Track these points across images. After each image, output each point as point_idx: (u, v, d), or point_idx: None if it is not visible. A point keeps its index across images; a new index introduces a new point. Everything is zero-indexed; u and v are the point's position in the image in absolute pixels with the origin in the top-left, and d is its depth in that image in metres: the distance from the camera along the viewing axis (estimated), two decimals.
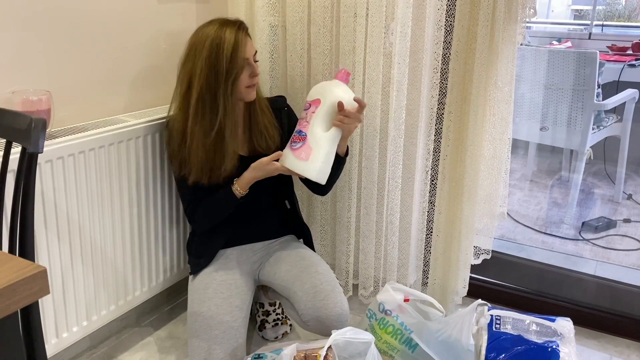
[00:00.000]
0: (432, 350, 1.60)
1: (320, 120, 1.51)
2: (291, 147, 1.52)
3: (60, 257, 1.53)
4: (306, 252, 1.72)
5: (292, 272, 1.64)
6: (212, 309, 1.54)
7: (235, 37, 1.53)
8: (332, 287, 1.57)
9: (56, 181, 1.48)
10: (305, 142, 1.49)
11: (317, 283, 1.57)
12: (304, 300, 1.55)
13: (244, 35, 1.55)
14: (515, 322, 1.55)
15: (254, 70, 1.57)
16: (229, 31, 1.53)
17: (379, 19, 1.72)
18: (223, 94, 1.53)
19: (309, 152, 1.48)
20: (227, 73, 1.52)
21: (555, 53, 2.97)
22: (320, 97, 1.52)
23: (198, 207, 1.66)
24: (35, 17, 1.52)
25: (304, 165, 1.49)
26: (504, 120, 1.74)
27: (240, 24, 1.57)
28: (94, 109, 1.73)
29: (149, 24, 1.84)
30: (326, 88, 1.54)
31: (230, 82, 1.53)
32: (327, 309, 1.52)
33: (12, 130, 1.15)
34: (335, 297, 1.54)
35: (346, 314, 1.55)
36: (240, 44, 1.53)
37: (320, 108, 1.51)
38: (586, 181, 3.57)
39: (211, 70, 1.52)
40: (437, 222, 1.93)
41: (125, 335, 1.88)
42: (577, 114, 2.94)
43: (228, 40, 1.52)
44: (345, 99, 1.50)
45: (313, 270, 1.61)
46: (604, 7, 5.32)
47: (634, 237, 2.85)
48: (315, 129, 1.50)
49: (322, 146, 1.49)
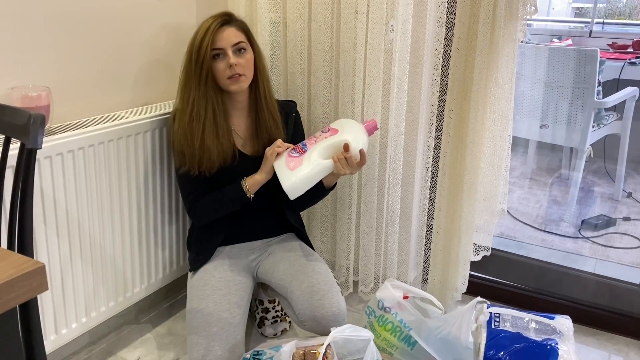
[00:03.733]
0: (431, 347, 1.60)
1: (325, 147, 1.54)
2: (289, 153, 1.56)
3: (60, 253, 1.53)
4: (304, 250, 1.72)
5: (290, 271, 1.64)
6: (210, 306, 1.54)
7: (208, 27, 1.54)
8: (329, 286, 1.56)
9: (55, 177, 1.47)
10: (301, 156, 1.53)
11: (314, 282, 1.57)
12: (301, 299, 1.55)
13: (220, 24, 1.55)
14: (514, 320, 1.55)
15: (228, 60, 1.55)
16: (207, 21, 1.55)
17: (380, 16, 1.71)
18: (197, 82, 1.56)
19: (297, 165, 1.52)
20: (196, 62, 1.55)
21: (556, 51, 2.96)
22: (340, 130, 1.56)
23: (199, 199, 1.65)
24: (34, 13, 1.51)
25: (285, 173, 1.53)
26: (504, 117, 1.73)
27: (223, 15, 1.57)
28: (93, 105, 1.72)
29: (149, 19, 1.84)
30: (351, 126, 1.58)
31: (201, 72, 1.55)
32: (323, 309, 1.52)
33: (11, 126, 1.14)
34: (332, 297, 1.54)
35: (343, 313, 1.55)
36: (209, 33, 1.53)
37: (331, 138, 1.55)
38: (586, 179, 3.57)
39: (188, 63, 1.58)
40: (437, 219, 1.93)
41: (125, 331, 1.88)
42: (577, 111, 2.94)
43: (201, 30, 1.55)
44: (354, 146, 1.53)
45: (310, 269, 1.61)
46: (604, 5, 5.31)
47: (633, 235, 2.85)
48: (315, 151, 1.54)
49: (311, 168, 1.52)
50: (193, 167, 1.60)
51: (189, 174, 1.62)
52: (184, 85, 1.60)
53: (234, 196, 1.61)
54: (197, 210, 1.66)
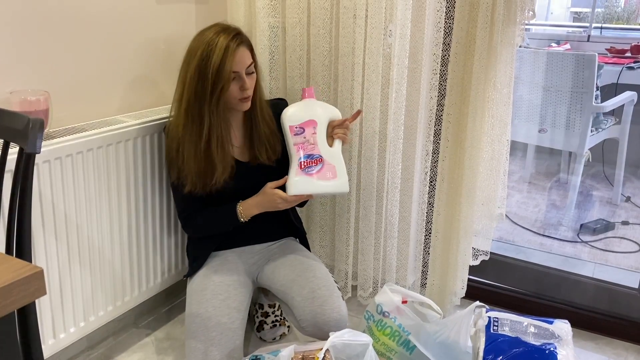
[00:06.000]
0: (430, 352, 1.60)
1: (324, 138, 1.57)
2: (307, 172, 1.53)
3: (58, 258, 1.53)
4: (305, 255, 1.71)
5: (290, 276, 1.63)
6: (209, 310, 1.54)
7: (225, 47, 1.47)
8: (330, 292, 1.56)
9: (54, 182, 1.47)
10: (324, 162, 1.55)
11: (314, 288, 1.56)
12: (302, 305, 1.55)
13: (237, 45, 1.49)
14: (513, 324, 1.55)
15: (243, 84, 1.53)
16: (221, 40, 1.48)
17: (379, 21, 1.72)
18: (208, 106, 1.51)
19: (333, 169, 1.55)
20: (213, 86, 1.49)
21: (554, 55, 2.97)
22: (315, 119, 1.57)
23: (194, 215, 1.65)
24: (33, 17, 1.51)
25: (335, 183, 1.55)
26: (502, 122, 1.74)
27: (236, 34, 1.51)
28: (92, 110, 1.73)
29: (148, 24, 1.84)
30: (311, 108, 1.59)
31: (216, 96, 1.50)
32: (324, 315, 1.52)
33: (9, 130, 1.14)
34: (333, 302, 1.54)
35: (344, 319, 1.54)
36: (229, 56, 1.48)
37: (319, 128, 1.57)
38: (584, 183, 3.58)
39: (199, 81, 1.49)
40: (435, 224, 1.93)
41: (123, 336, 1.88)
42: (576, 116, 2.94)
43: (217, 51, 1.47)
44: (339, 114, 1.59)
45: (311, 275, 1.61)
46: (602, 10, 5.34)
47: (632, 239, 2.85)
48: (325, 148, 1.56)
49: (340, 159, 1.58)
50: (195, 186, 1.58)
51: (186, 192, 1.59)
52: (192, 104, 1.52)
53: (228, 220, 1.62)
54: (191, 226, 1.68)
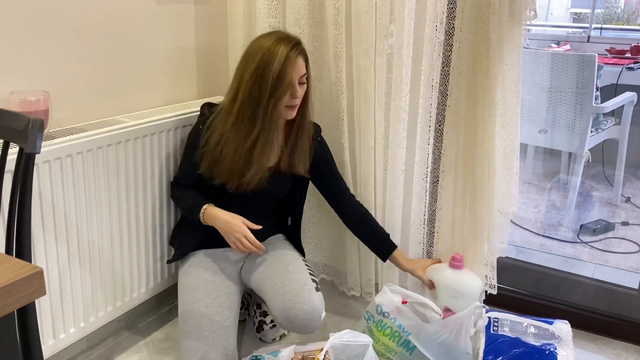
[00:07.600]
0: (430, 352, 1.60)
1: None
2: None
3: (58, 258, 1.53)
4: (283, 250, 1.72)
5: (266, 273, 1.65)
6: (202, 309, 1.55)
7: (286, 56, 1.50)
8: (301, 284, 1.56)
9: (54, 182, 1.47)
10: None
11: (285, 282, 1.57)
12: (275, 301, 1.56)
13: (297, 55, 1.53)
14: (513, 325, 1.55)
15: (294, 92, 1.55)
16: (282, 48, 1.50)
17: (381, 21, 1.72)
18: (263, 110, 1.53)
19: None
20: (271, 91, 1.51)
21: (554, 56, 2.97)
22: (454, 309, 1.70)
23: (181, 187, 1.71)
24: (33, 18, 1.51)
25: None
26: (514, 120, 1.74)
27: (296, 43, 1.54)
28: (92, 110, 1.73)
29: (148, 25, 1.84)
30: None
31: (273, 101, 1.52)
32: (295, 308, 1.52)
33: (9, 130, 1.14)
34: (304, 295, 1.54)
35: (317, 311, 1.54)
36: (290, 65, 1.50)
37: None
38: (584, 184, 3.58)
39: (255, 85, 1.52)
40: (437, 224, 1.92)
41: (123, 336, 1.88)
42: (576, 116, 2.94)
43: (278, 58, 1.49)
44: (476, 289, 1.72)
45: (283, 270, 1.62)
46: (602, 11, 5.34)
47: (632, 239, 2.85)
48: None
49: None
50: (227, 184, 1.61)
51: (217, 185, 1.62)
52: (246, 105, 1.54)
53: (192, 213, 1.65)
54: (173, 193, 1.75)
